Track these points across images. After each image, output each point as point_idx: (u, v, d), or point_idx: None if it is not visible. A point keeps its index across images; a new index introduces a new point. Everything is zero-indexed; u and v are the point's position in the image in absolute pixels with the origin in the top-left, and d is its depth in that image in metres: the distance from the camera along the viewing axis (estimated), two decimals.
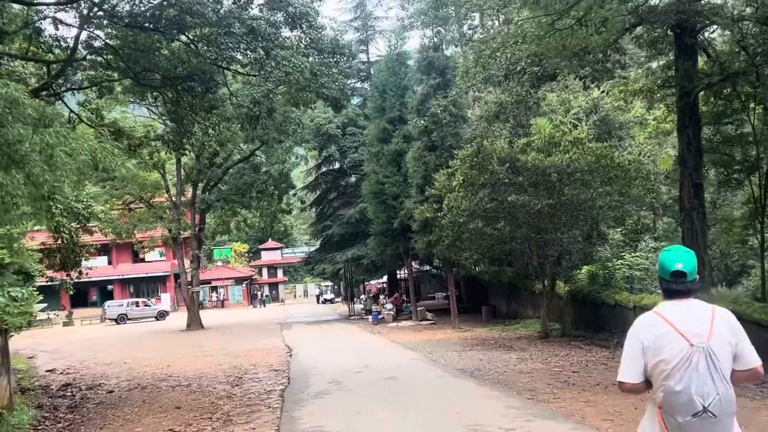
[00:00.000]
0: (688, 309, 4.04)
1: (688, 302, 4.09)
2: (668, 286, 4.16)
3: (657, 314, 4.08)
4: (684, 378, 3.84)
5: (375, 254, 38.64)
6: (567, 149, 22.72)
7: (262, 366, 20.75)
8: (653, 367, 4.00)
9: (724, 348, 3.90)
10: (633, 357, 4.08)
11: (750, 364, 3.99)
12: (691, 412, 3.82)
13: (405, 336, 28.99)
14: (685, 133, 18.51)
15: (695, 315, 4.00)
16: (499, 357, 19.44)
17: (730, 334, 3.96)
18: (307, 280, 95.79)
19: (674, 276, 4.13)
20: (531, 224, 23.58)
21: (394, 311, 40.51)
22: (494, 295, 39.82)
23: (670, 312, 4.04)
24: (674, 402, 3.87)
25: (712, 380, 3.81)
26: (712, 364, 3.83)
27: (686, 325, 3.93)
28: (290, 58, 14.97)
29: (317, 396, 14.09)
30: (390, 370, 17.42)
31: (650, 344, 4.00)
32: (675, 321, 3.97)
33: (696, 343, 3.86)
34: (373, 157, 37.02)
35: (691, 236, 18.32)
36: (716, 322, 3.95)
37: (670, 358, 3.89)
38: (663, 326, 3.98)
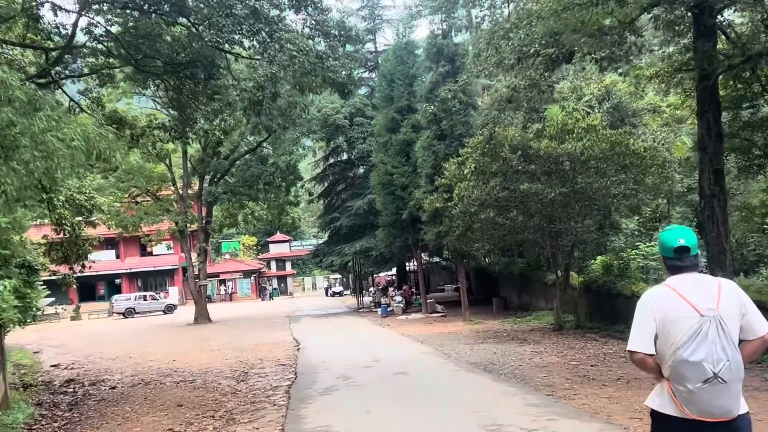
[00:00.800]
0: (696, 282, 4.14)
1: (694, 276, 4.19)
2: (673, 262, 4.25)
3: (668, 287, 4.18)
4: (696, 347, 3.93)
5: (384, 246, 38.10)
6: (580, 136, 22.14)
7: (268, 360, 20.25)
8: (665, 339, 4.08)
9: (732, 317, 4.01)
10: (645, 327, 4.14)
11: (758, 332, 4.08)
12: (702, 378, 3.91)
13: (415, 329, 28.44)
14: (705, 117, 17.85)
15: (703, 287, 4.10)
16: (513, 350, 18.86)
17: (738, 305, 4.07)
18: (315, 273, 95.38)
19: (678, 252, 4.23)
20: (543, 214, 22.98)
21: (404, 304, 40.08)
22: (505, 286, 39.35)
23: (680, 285, 4.13)
24: (685, 370, 3.95)
25: (722, 347, 3.91)
26: (723, 333, 3.93)
27: (696, 297, 4.03)
28: (295, 41, 14.37)
29: (325, 392, 13.51)
30: (400, 365, 16.83)
31: (662, 316, 4.08)
32: (685, 293, 4.06)
33: (706, 313, 3.96)
34: (381, 147, 36.43)
35: (711, 224, 17.68)
36: (723, 293, 4.06)
37: (682, 328, 3.98)
38: (674, 298, 4.08)
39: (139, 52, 17.80)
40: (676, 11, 16.73)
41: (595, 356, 16.52)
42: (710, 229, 17.71)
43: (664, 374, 4.14)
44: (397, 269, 52.60)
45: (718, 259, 17.54)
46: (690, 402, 3.99)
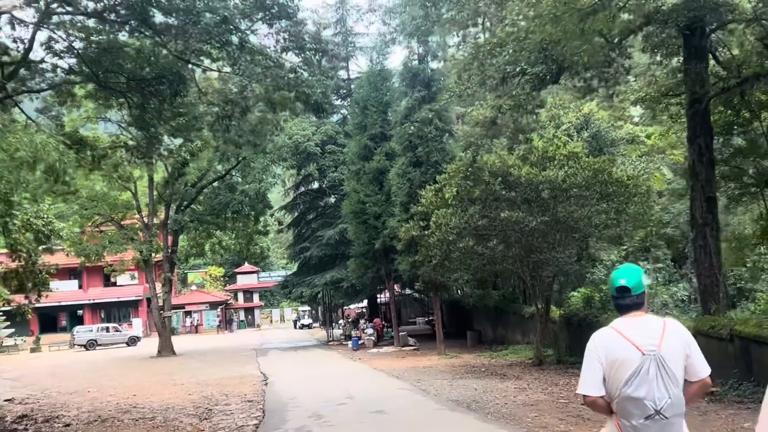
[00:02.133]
0: (641, 322, 4.25)
1: (640, 317, 4.29)
2: (616, 301, 4.40)
3: (612, 328, 4.31)
4: (638, 384, 4.06)
5: (355, 277, 36.99)
6: (562, 164, 21.43)
7: (234, 396, 19.05)
8: (611, 379, 4.20)
9: (674, 357, 4.11)
10: (593, 370, 4.27)
11: (700, 375, 4.21)
12: (644, 414, 4.07)
13: (388, 363, 27.32)
14: (696, 142, 17.19)
15: (647, 327, 4.21)
16: (495, 386, 17.83)
17: (683, 346, 4.17)
18: (283, 305, 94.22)
19: (619, 291, 4.35)
20: (523, 243, 22.13)
21: (375, 337, 39.06)
22: (479, 319, 38.52)
23: (623, 326, 4.26)
24: (629, 407, 4.11)
25: (664, 385, 4.05)
26: (663, 371, 4.06)
27: (638, 336, 4.15)
28: (266, 51, 13.38)
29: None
30: (377, 402, 15.69)
31: (608, 357, 4.19)
32: (628, 333, 4.18)
33: (647, 352, 4.08)
34: (353, 176, 35.50)
35: (704, 254, 16.94)
36: (667, 333, 4.16)
37: (625, 367, 4.10)
38: (618, 339, 4.20)
39: (101, 68, 16.71)
40: (667, 31, 16.07)
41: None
42: (702, 260, 16.96)
43: (614, 409, 4.25)
44: (368, 301, 51.48)
45: (711, 291, 16.76)
46: None
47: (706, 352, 4.42)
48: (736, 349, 14.43)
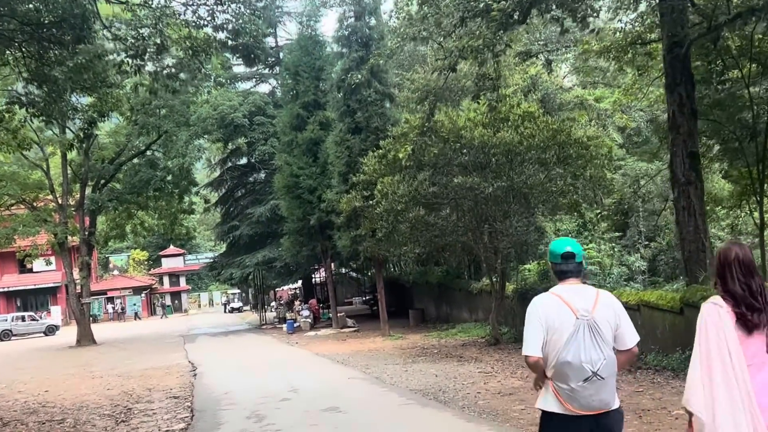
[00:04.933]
0: (578, 289, 4.39)
1: (577, 285, 4.43)
2: (560, 267, 4.48)
3: (552, 293, 4.39)
4: (574, 348, 4.17)
5: (289, 256, 34.77)
6: (517, 124, 19.52)
7: (158, 391, 16.68)
8: (550, 342, 4.26)
9: (605, 324, 4.27)
10: (535, 331, 4.29)
11: (628, 344, 4.39)
12: (582, 377, 4.17)
13: (329, 347, 25.13)
14: (676, 92, 15.34)
15: (583, 294, 4.36)
16: (456, 371, 15.81)
17: (614, 316, 4.33)
18: (212, 288, 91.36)
19: (564, 257, 4.45)
20: (477, 212, 20.20)
21: (312, 319, 36.85)
22: (420, 297, 36.84)
23: (563, 291, 4.37)
24: (566, 370, 4.19)
25: (598, 347, 4.19)
26: (597, 334, 4.21)
27: (574, 301, 4.28)
28: None
29: None
30: (327, 396, 13.34)
31: (547, 319, 4.27)
32: (567, 298, 4.30)
33: (581, 316, 4.21)
34: (285, 147, 33.09)
35: (687, 216, 15.14)
36: (599, 302, 4.33)
37: (562, 331, 4.21)
38: (558, 303, 4.30)
39: None
40: None
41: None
42: (686, 223, 15.17)
43: (548, 375, 4.33)
44: (302, 281, 49.31)
45: (697, 258, 14.99)
46: (572, 399, 4.22)
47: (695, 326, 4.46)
48: None
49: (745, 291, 4.26)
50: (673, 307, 14.57)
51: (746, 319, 4.20)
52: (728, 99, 17.31)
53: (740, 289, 4.27)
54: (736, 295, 4.27)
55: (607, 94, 32.38)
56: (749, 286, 4.28)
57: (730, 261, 4.37)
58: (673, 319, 14.86)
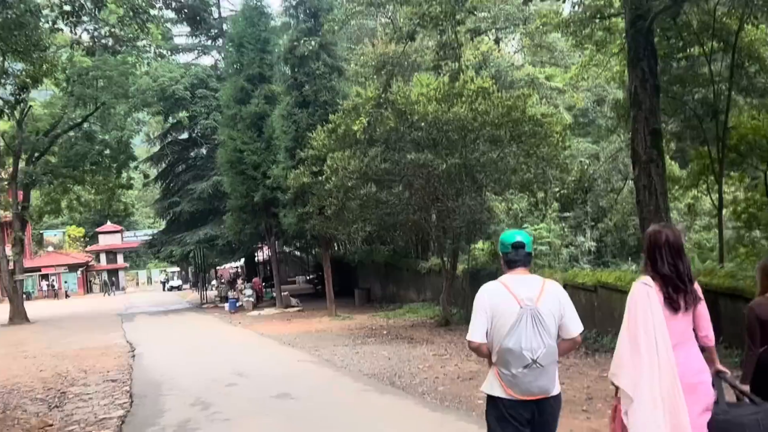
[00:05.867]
0: (525, 279, 4.51)
1: (525, 274, 4.55)
2: (509, 257, 4.60)
3: (499, 282, 4.52)
4: (517, 336, 4.30)
5: (232, 233, 33.84)
6: (471, 100, 18.95)
7: (94, 373, 15.72)
8: (494, 329, 4.39)
9: (549, 313, 4.39)
10: (480, 318, 4.43)
11: (572, 333, 4.51)
12: (522, 364, 4.30)
13: (274, 327, 24.37)
14: (639, 66, 14.85)
15: (529, 284, 4.47)
16: (409, 353, 15.23)
17: (558, 306, 4.47)
18: (151, 266, 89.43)
19: (514, 246, 4.57)
20: (430, 190, 19.62)
21: (254, 298, 36.02)
22: (366, 277, 36.33)
23: (510, 280, 4.49)
24: (508, 357, 4.32)
25: (539, 336, 4.31)
26: (539, 323, 4.32)
27: (519, 290, 4.40)
28: None
29: None
30: (277, 381, 12.59)
31: (492, 307, 4.41)
32: (512, 287, 4.42)
33: (524, 305, 4.33)
34: (229, 121, 31.99)
35: (648, 196, 14.69)
36: (545, 291, 4.45)
37: (506, 318, 4.34)
38: (503, 292, 4.43)
39: None
40: None
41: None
42: (647, 202, 14.73)
43: (493, 360, 4.46)
44: (245, 260, 48.29)
45: None
46: (513, 384, 4.36)
47: None
48: None
49: (673, 273, 4.50)
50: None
51: (672, 299, 4.48)
52: (689, 76, 16.97)
53: (668, 271, 4.50)
54: (664, 276, 4.51)
55: (558, 73, 32.08)
56: (677, 268, 4.52)
57: (660, 243, 4.59)
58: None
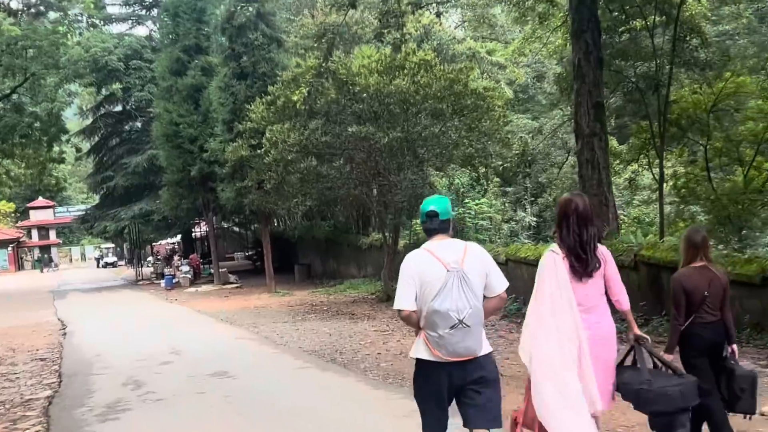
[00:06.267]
0: (447, 244, 4.56)
1: (447, 239, 4.59)
2: (425, 225, 4.66)
3: (423, 249, 4.56)
4: (444, 298, 4.34)
5: (168, 208, 33.12)
6: (413, 72, 18.65)
7: (23, 352, 15.19)
8: (422, 294, 4.43)
9: (474, 274, 4.45)
10: (407, 287, 4.48)
11: (497, 290, 4.57)
12: (449, 325, 4.33)
13: (211, 304, 23.88)
14: (583, 38, 14.76)
15: (452, 248, 4.52)
16: (350, 330, 14.97)
17: (482, 266, 4.53)
18: (85, 242, 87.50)
19: (429, 216, 4.59)
20: (371, 164, 19.30)
21: (192, 274, 35.33)
22: (306, 253, 35.97)
23: (433, 246, 4.53)
24: (436, 318, 4.36)
25: (466, 297, 4.36)
26: (465, 285, 4.38)
27: (444, 255, 4.45)
28: None
29: (107, 414, 8.69)
30: (214, 359, 12.17)
31: (418, 273, 4.45)
32: (437, 253, 4.47)
33: (451, 268, 4.39)
34: (164, 94, 31.17)
35: (591, 169, 14.67)
36: (468, 254, 4.50)
37: (433, 282, 4.38)
38: (429, 258, 4.47)
39: None
40: None
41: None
42: (590, 176, 14.71)
43: (421, 325, 4.48)
44: (182, 236, 47.41)
45: (600, 212, 14.52)
46: (440, 345, 4.38)
47: None
48: (642, 279, 12.26)
49: (576, 241, 4.71)
50: None
51: (574, 267, 4.72)
52: (631, 49, 16.90)
53: (572, 240, 4.72)
54: (569, 244, 4.74)
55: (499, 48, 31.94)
56: (581, 237, 4.71)
57: (569, 212, 4.79)
58: None
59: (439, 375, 4.43)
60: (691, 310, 5.37)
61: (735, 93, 15.79)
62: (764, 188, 15.77)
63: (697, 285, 5.37)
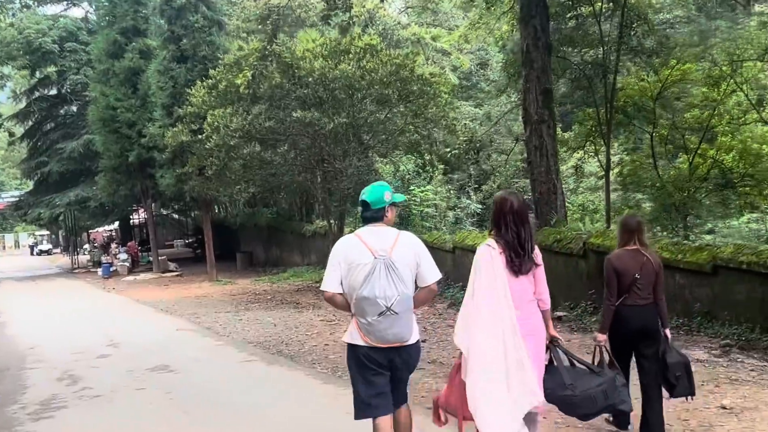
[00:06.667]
0: (379, 232, 4.72)
1: (380, 227, 4.76)
2: (362, 214, 4.88)
3: (354, 235, 4.78)
4: (372, 285, 4.49)
5: (105, 195, 32.14)
6: (359, 57, 18.34)
7: None
8: (349, 280, 4.60)
9: (403, 263, 4.59)
10: (333, 270, 4.67)
11: (428, 281, 4.73)
12: (377, 312, 4.50)
13: (151, 293, 23.26)
14: (531, 23, 14.67)
15: (383, 236, 4.68)
16: (296, 320, 14.65)
17: (413, 256, 4.68)
18: (19, 229, 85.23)
19: (362, 205, 4.82)
20: (316, 150, 18.96)
21: (130, 262, 34.46)
22: (247, 240, 35.48)
23: (364, 233, 4.73)
24: (365, 305, 4.53)
25: (393, 285, 4.51)
26: (393, 272, 4.52)
27: (374, 242, 4.61)
28: None
29: (41, 412, 8.22)
30: (154, 351, 11.71)
31: (346, 258, 4.62)
32: (366, 239, 4.65)
33: (378, 255, 4.54)
34: (101, 77, 30.17)
35: (539, 157, 14.59)
36: (399, 243, 4.66)
37: (360, 269, 4.54)
38: (357, 244, 4.65)
39: None
40: None
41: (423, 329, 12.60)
42: (538, 163, 14.62)
43: (351, 310, 4.67)
44: (120, 223, 46.36)
45: (548, 200, 14.50)
46: (370, 332, 4.56)
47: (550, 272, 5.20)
48: (591, 267, 12.19)
49: (515, 238, 4.77)
50: None
51: (513, 263, 4.76)
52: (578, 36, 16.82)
53: (511, 236, 4.78)
54: (507, 241, 4.78)
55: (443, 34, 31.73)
56: (519, 234, 4.78)
57: (505, 210, 4.83)
58: None
59: (369, 358, 4.61)
60: (622, 291, 5.57)
61: (681, 80, 15.81)
62: (709, 175, 15.89)
63: (628, 267, 5.56)
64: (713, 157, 15.95)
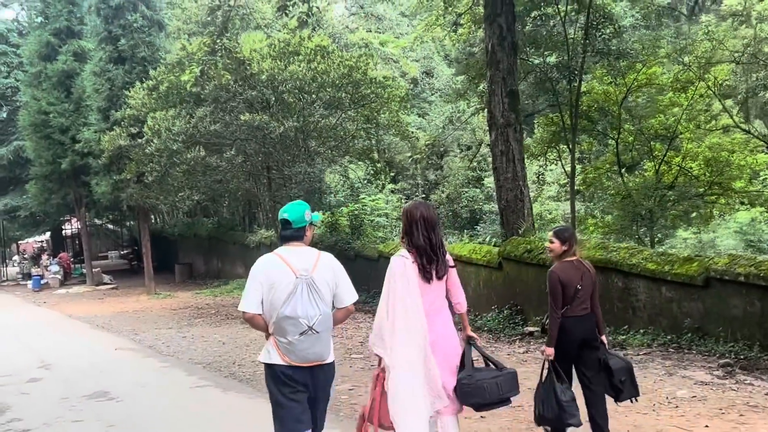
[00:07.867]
0: (300, 251, 4.62)
1: (300, 247, 4.66)
2: (282, 233, 4.77)
3: (275, 254, 4.63)
4: (294, 304, 4.39)
5: (36, 204, 30.82)
6: (309, 59, 17.51)
7: None
8: (270, 299, 4.45)
9: (324, 283, 4.53)
10: (253, 290, 4.50)
11: (345, 302, 4.71)
12: (299, 331, 4.40)
13: (86, 307, 21.90)
14: (497, 23, 13.94)
15: (304, 255, 4.59)
16: (246, 337, 13.65)
17: (333, 276, 4.63)
18: None
19: (283, 224, 4.71)
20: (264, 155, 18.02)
21: (62, 275, 32.84)
22: (187, 251, 34.14)
23: (285, 252, 4.60)
24: (285, 325, 4.40)
25: (315, 304, 4.44)
26: (315, 292, 4.45)
27: (296, 262, 4.50)
28: None
29: None
30: (91, 375, 10.50)
31: (267, 278, 4.47)
32: (288, 259, 4.52)
33: (300, 275, 4.45)
34: (33, 80, 28.78)
35: (506, 162, 13.87)
36: (320, 263, 4.58)
37: (282, 288, 4.42)
38: (278, 263, 4.51)
39: None
40: None
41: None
42: (504, 169, 13.90)
43: (270, 330, 4.51)
44: (51, 233, 44.52)
45: (515, 208, 13.77)
46: (290, 351, 4.44)
47: (521, 284, 6.76)
48: None
49: (426, 244, 4.88)
50: (490, 262, 13.29)
51: (425, 270, 4.86)
52: (542, 36, 16.17)
53: (423, 242, 4.88)
54: (419, 247, 4.88)
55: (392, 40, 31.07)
56: (430, 240, 4.90)
57: (416, 219, 4.94)
58: (489, 275, 13.58)
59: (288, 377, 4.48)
60: (565, 303, 5.55)
61: (647, 84, 15.28)
62: (675, 183, 15.37)
63: (571, 278, 5.55)
64: (679, 164, 15.45)
